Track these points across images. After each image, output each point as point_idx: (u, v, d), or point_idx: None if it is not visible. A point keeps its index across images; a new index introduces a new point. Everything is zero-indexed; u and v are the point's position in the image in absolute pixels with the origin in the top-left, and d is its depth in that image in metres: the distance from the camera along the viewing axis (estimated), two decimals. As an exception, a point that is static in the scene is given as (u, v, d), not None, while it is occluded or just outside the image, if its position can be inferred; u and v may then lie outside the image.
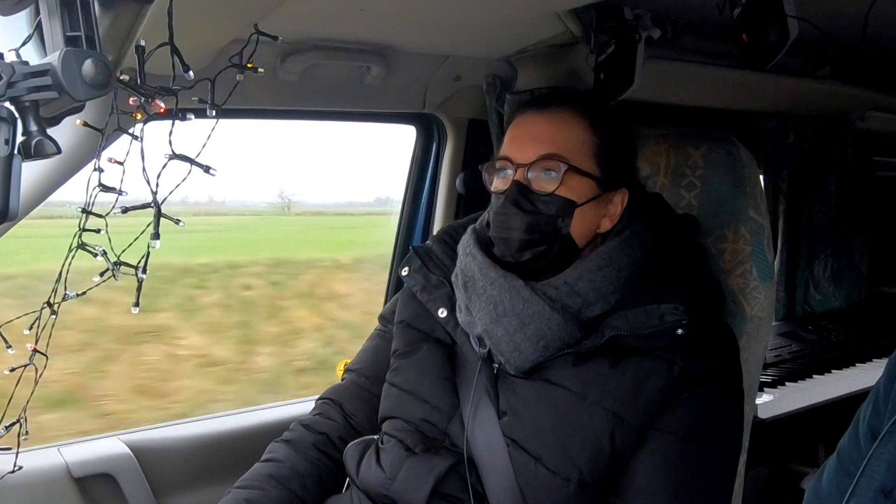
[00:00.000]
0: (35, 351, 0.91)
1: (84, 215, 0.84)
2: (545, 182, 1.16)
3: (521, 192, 1.16)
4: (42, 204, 1.30)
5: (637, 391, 1.09)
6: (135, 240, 0.81)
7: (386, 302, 1.85)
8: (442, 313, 1.24)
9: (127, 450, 1.59)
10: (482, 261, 1.19)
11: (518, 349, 1.13)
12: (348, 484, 1.28)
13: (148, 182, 0.78)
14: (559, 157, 1.15)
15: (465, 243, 1.25)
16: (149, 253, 0.79)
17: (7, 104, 0.66)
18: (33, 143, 0.68)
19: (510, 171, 1.18)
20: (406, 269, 1.31)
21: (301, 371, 3.79)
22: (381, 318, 1.41)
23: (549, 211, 1.15)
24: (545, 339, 1.12)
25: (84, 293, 0.89)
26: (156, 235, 0.79)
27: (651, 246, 1.20)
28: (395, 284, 1.93)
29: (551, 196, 1.15)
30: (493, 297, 1.16)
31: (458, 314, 1.22)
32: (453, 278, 1.24)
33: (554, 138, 1.17)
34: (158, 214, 0.78)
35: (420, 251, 1.33)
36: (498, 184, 1.21)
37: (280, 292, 4.66)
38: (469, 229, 1.28)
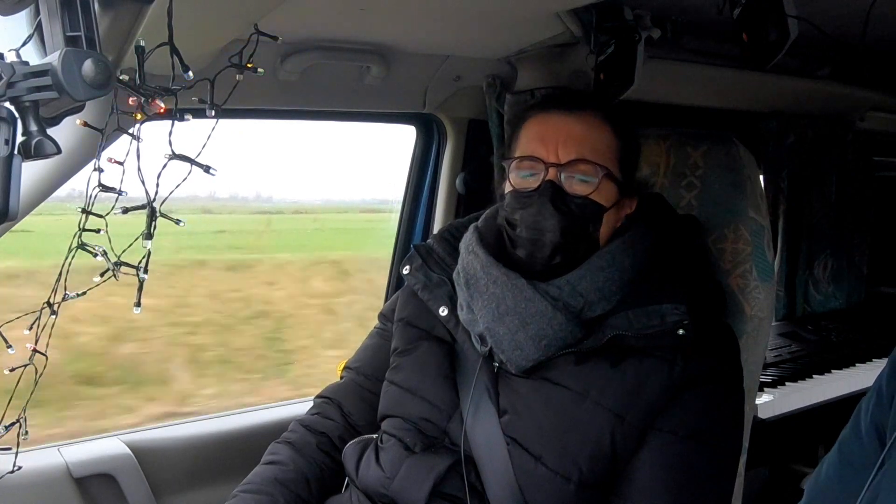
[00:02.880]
0: (35, 351, 0.91)
1: (84, 215, 0.84)
2: (578, 185, 1.15)
3: (556, 194, 1.14)
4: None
5: (638, 391, 1.09)
6: (135, 240, 0.81)
7: (386, 300, 1.85)
8: (443, 312, 1.24)
9: (127, 450, 1.59)
10: (485, 259, 1.19)
11: (519, 348, 1.13)
12: (347, 484, 1.28)
13: (143, 182, 0.78)
14: (595, 161, 1.14)
15: (468, 241, 1.24)
16: (149, 253, 0.79)
17: (7, 104, 0.66)
18: (33, 143, 0.68)
19: (539, 171, 1.16)
20: (407, 267, 1.31)
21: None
22: (381, 315, 1.41)
23: (583, 214, 1.15)
24: (547, 338, 1.12)
25: (84, 293, 0.89)
26: (148, 236, 0.79)
27: (653, 247, 1.20)
28: (396, 283, 1.93)
29: (585, 199, 1.14)
30: (496, 295, 1.15)
31: (459, 312, 1.22)
32: (455, 276, 1.24)
33: (586, 140, 1.16)
34: (152, 214, 0.78)
35: (421, 250, 1.33)
36: (522, 182, 1.18)
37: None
38: (471, 227, 1.27)
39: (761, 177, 1.64)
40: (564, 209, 1.14)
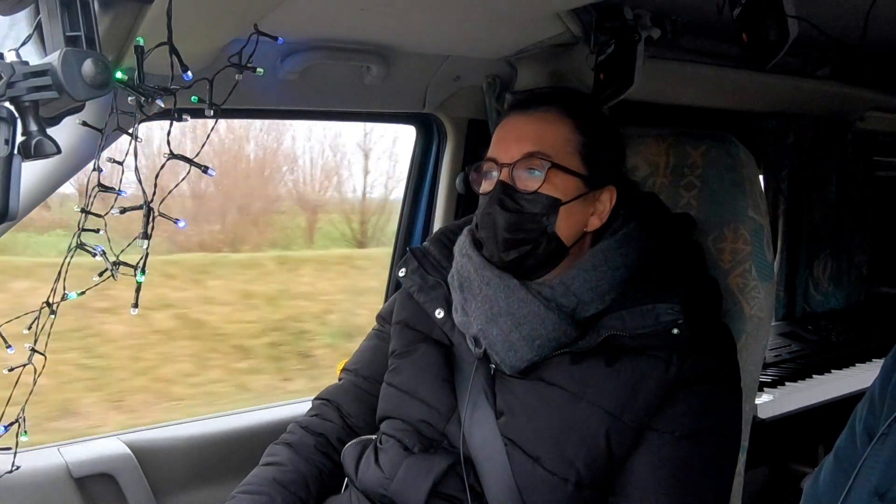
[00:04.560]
0: (34, 351, 0.91)
1: (83, 215, 0.84)
2: (529, 180, 1.16)
3: (505, 192, 1.17)
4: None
5: (633, 391, 1.09)
6: (134, 239, 0.81)
7: (385, 301, 1.85)
8: (439, 314, 1.24)
9: (127, 450, 1.59)
10: (478, 261, 1.19)
11: (513, 349, 1.14)
12: (347, 484, 1.28)
13: (140, 182, 0.78)
14: (542, 155, 1.16)
15: (462, 244, 1.25)
16: (147, 254, 0.79)
17: (7, 104, 0.66)
18: (33, 143, 0.68)
19: (495, 172, 1.19)
20: (403, 269, 1.32)
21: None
22: (380, 317, 1.41)
23: (534, 209, 1.16)
24: (540, 338, 1.12)
25: (83, 293, 0.89)
26: (145, 235, 0.79)
27: (647, 246, 1.20)
28: (395, 284, 1.93)
29: (535, 194, 1.16)
30: (489, 296, 1.16)
31: (454, 315, 1.22)
32: (449, 279, 1.25)
33: (537, 137, 1.17)
34: (149, 214, 0.78)
35: (417, 252, 1.33)
36: (485, 185, 1.21)
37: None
38: (465, 230, 1.28)
39: (761, 177, 1.64)
40: (513, 206, 1.16)
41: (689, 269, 1.21)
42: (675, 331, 1.09)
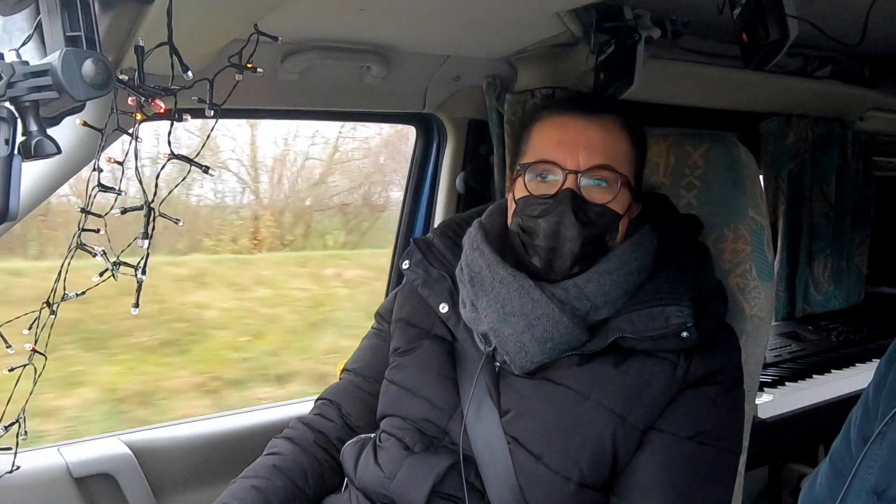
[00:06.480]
0: (34, 351, 0.91)
1: (83, 215, 0.84)
2: (596, 192, 1.13)
3: (576, 202, 1.12)
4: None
5: (640, 392, 1.09)
6: (134, 239, 0.81)
7: (386, 297, 1.85)
8: (443, 308, 1.23)
9: (127, 450, 1.59)
10: (491, 257, 1.17)
11: (524, 350, 1.13)
12: (346, 484, 1.28)
13: (140, 182, 0.78)
14: (615, 169, 1.13)
15: (473, 237, 1.23)
16: (148, 254, 0.79)
17: (7, 104, 0.66)
18: (33, 143, 0.68)
19: (556, 177, 1.15)
20: (406, 262, 1.30)
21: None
22: (378, 315, 1.40)
23: (602, 223, 1.14)
24: (552, 341, 1.11)
25: (83, 293, 0.89)
26: (145, 235, 0.79)
27: (657, 248, 1.20)
28: (396, 280, 1.93)
29: (603, 208, 1.13)
30: (501, 295, 1.14)
31: (461, 309, 1.21)
32: (458, 272, 1.23)
33: (605, 147, 1.14)
34: (149, 214, 0.78)
35: (421, 244, 1.31)
36: (538, 187, 1.16)
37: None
38: (475, 223, 1.26)
39: (761, 177, 1.64)
40: (585, 219, 1.12)
41: (697, 272, 1.20)
42: (685, 334, 1.09)
